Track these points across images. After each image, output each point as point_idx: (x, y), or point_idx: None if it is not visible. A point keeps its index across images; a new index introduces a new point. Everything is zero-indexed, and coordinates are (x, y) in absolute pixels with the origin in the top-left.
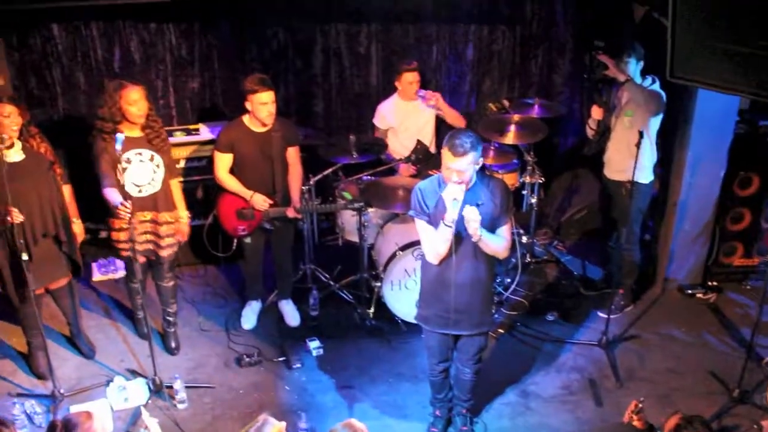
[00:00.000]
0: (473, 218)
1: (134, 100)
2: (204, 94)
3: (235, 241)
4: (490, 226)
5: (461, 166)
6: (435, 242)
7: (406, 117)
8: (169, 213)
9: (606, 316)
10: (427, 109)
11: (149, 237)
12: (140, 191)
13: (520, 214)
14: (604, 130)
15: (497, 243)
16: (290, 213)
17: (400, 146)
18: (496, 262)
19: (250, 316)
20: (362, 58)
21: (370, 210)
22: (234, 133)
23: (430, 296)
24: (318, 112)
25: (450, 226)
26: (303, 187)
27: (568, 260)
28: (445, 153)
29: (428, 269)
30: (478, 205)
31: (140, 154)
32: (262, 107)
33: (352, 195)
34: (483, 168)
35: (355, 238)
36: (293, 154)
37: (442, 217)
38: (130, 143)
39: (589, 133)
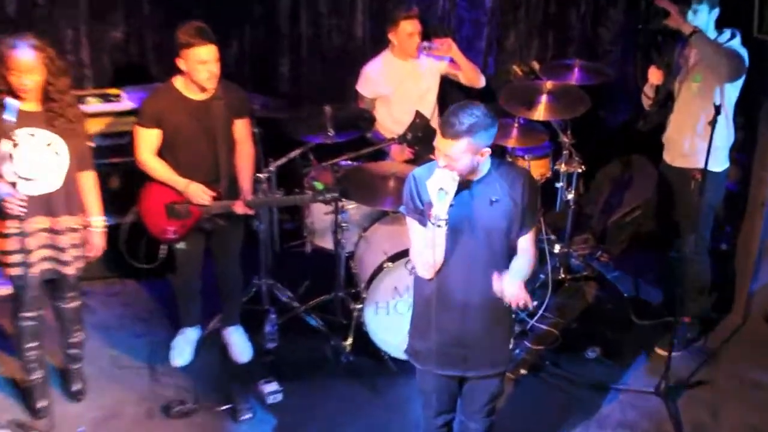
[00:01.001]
0: (511, 293)
1: (24, 66)
2: (128, 49)
3: (164, 247)
4: (507, 231)
5: (449, 151)
6: (423, 249)
7: (401, 81)
8: (73, 218)
9: (666, 353)
10: (430, 71)
11: (46, 252)
12: (30, 187)
13: (552, 214)
14: (665, 99)
15: (524, 271)
16: (239, 208)
17: (392, 121)
18: None
19: (183, 348)
20: (343, 1)
21: (349, 206)
22: (163, 102)
23: (426, 323)
24: (283, 74)
25: (439, 226)
26: (258, 175)
27: (615, 277)
28: (438, 128)
29: (423, 287)
30: (491, 202)
31: (33, 135)
32: (200, 67)
33: (326, 185)
34: (503, 152)
35: (329, 245)
36: (242, 128)
37: (429, 214)
38: (20, 118)
39: (646, 103)
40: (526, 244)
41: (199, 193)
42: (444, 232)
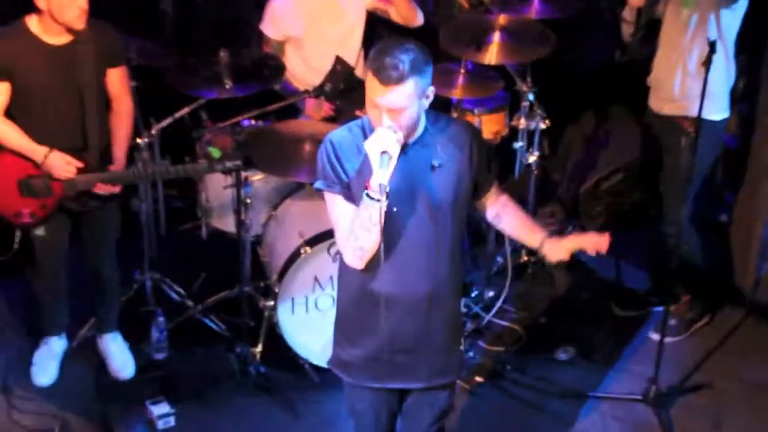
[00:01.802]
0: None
1: None
2: None
3: (18, 233)
4: (456, 203)
5: (396, 100)
6: (356, 231)
7: (317, 18)
8: None
9: (656, 338)
10: (354, 5)
11: None
12: None
13: (510, 182)
14: (650, 31)
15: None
16: (104, 189)
17: (305, 69)
18: (465, 260)
19: (46, 363)
20: None
21: (255, 178)
22: (13, 47)
23: (355, 326)
24: (166, 11)
25: (377, 200)
26: (138, 140)
27: (591, 259)
28: (370, 80)
29: (350, 279)
30: (433, 167)
31: None
32: (64, 1)
33: (224, 152)
34: (447, 106)
35: (229, 227)
36: (117, 81)
37: (366, 185)
38: None
39: (626, 32)
40: (498, 197)
41: (62, 164)
42: (384, 207)
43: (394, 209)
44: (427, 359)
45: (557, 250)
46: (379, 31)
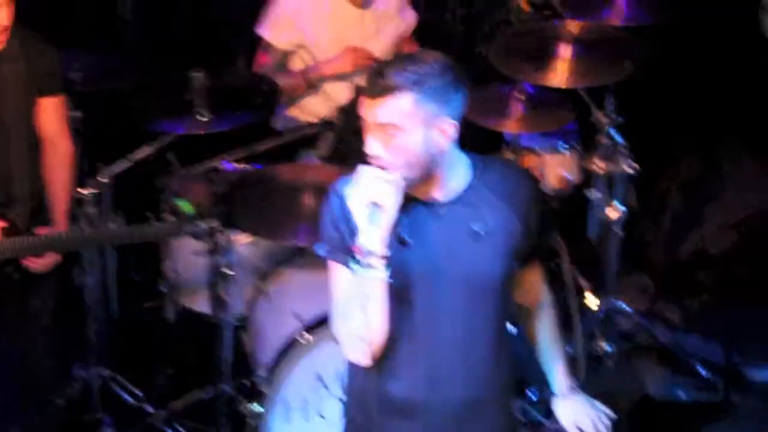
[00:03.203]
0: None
1: None
2: None
3: None
4: (505, 280)
5: (382, 115)
6: (348, 310)
7: (340, 31)
8: None
9: None
10: (386, 30)
11: None
12: None
13: (583, 245)
14: None
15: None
16: (37, 266)
17: (316, 97)
18: (518, 351)
19: None
20: None
21: (238, 241)
22: None
23: None
24: (123, 15)
25: (371, 267)
26: (82, 192)
27: (696, 346)
28: (361, 97)
29: (358, 379)
30: (476, 235)
31: None
32: None
33: (199, 206)
34: (495, 142)
35: (203, 306)
36: (52, 113)
37: (354, 247)
38: None
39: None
40: (535, 284)
41: None
42: (381, 280)
43: (426, 287)
44: None
45: (567, 413)
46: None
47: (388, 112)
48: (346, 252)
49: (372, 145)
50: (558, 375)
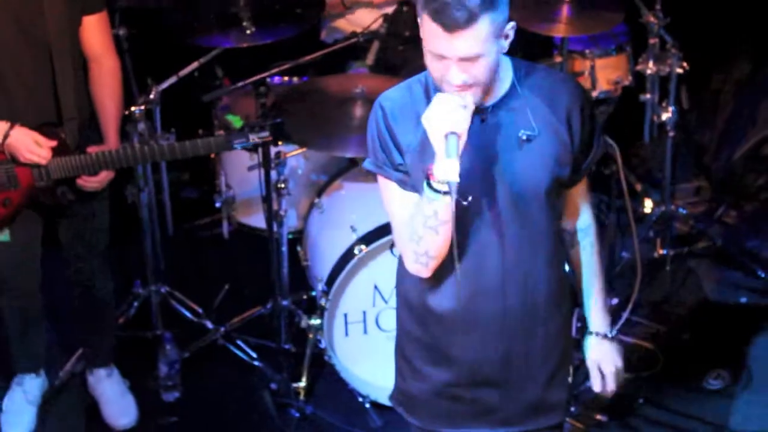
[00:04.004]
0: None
1: None
2: None
3: None
4: (552, 188)
5: (466, 48)
6: (418, 230)
7: None
8: None
9: None
10: None
11: None
12: None
13: (638, 147)
14: None
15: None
16: (89, 184)
17: (365, 5)
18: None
19: (20, 410)
20: None
21: (290, 154)
22: None
23: (421, 353)
24: None
25: (444, 193)
26: (132, 109)
27: (754, 246)
28: (428, 26)
29: (412, 291)
30: (521, 141)
31: None
32: None
33: (248, 121)
34: (544, 46)
35: (258, 221)
36: (95, 31)
37: (428, 171)
38: None
39: None
40: (579, 203)
41: (29, 144)
42: (451, 202)
43: (468, 200)
44: (520, 395)
45: (594, 353)
46: None
47: (471, 44)
48: (395, 168)
49: (455, 76)
50: (594, 312)
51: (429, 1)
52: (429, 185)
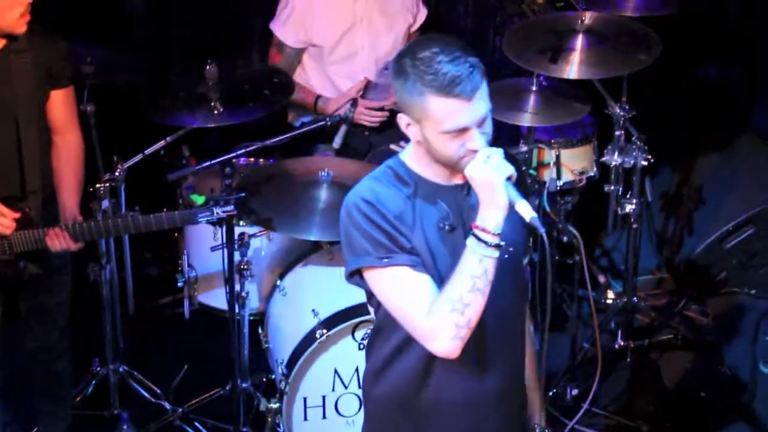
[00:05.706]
0: None
1: None
2: None
3: None
4: (526, 240)
5: (483, 107)
6: (464, 297)
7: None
8: None
9: None
10: (400, 20)
11: None
12: None
13: (601, 238)
14: None
15: None
16: (58, 243)
17: (327, 86)
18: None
19: None
20: None
21: (255, 235)
22: None
23: None
24: (134, 10)
25: (496, 246)
26: (97, 185)
27: (718, 341)
28: (441, 104)
29: (402, 372)
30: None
31: None
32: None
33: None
34: (511, 135)
35: (220, 302)
36: (61, 105)
37: (476, 227)
38: None
39: None
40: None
41: None
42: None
43: (510, 250)
44: None
45: None
46: None
47: (485, 99)
48: (406, 251)
49: (479, 141)
50: (536, 410)
51: (430, 82)
52: (478, 239)
